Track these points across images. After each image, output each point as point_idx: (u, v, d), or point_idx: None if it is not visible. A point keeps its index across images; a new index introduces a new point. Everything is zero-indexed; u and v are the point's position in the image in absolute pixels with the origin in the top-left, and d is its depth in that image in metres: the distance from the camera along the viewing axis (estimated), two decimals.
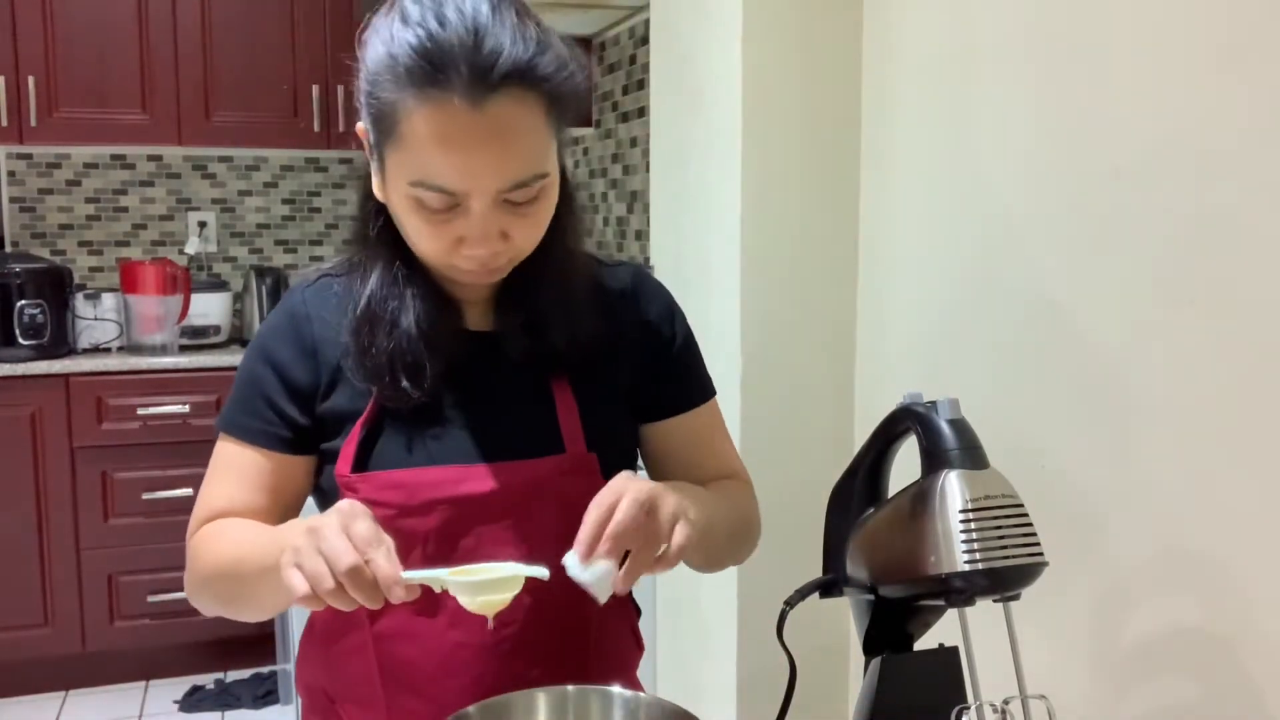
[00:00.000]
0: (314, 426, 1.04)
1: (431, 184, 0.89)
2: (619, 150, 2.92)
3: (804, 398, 1.75)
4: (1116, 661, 1.22)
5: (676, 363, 1.13)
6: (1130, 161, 1.18)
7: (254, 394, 1.04)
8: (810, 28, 1.69)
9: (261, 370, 1.04)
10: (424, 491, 0.99)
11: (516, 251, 0.96)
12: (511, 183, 0.90)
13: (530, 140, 0.90)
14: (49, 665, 3.23)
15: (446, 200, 0.90)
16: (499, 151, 0.88)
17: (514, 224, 0.93)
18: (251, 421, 1.04)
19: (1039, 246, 1.33)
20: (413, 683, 1.02)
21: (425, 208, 0.91)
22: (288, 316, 1.05)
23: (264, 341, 1.05)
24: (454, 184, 0.88)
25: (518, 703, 0.92)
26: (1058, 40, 1.29)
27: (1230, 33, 1.06)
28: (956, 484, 0.89)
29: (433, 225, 0.92)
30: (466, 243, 0.92)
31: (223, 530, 1.02)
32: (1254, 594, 1.06)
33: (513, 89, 0.87)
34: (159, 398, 3.22)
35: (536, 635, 1.02)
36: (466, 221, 0.91)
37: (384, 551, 0.81)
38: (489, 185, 0.89)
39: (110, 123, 3.39)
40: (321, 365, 1.03)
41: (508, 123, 0.87)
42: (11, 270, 3.19)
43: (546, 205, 0.95)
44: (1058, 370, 1.30)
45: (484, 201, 0.90)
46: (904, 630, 1.02)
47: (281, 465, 1.04)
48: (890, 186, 1.66)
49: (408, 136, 0.88)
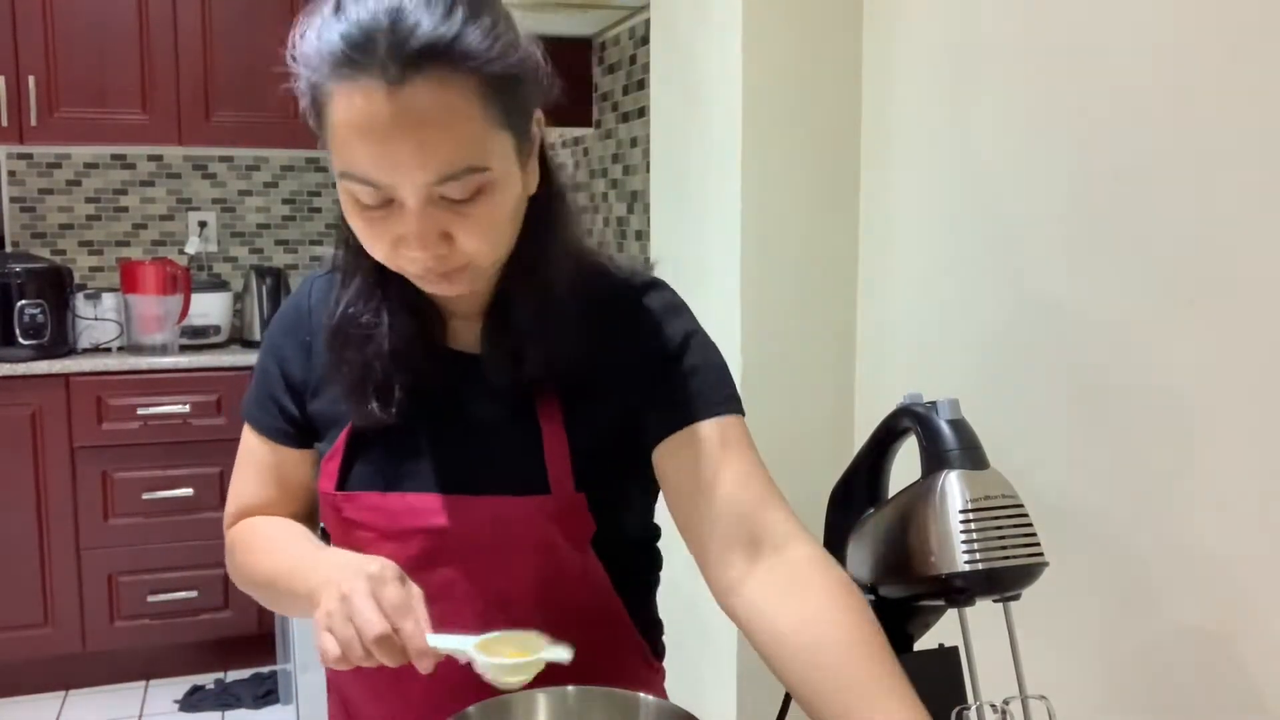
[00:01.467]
0: (309, 423, 1.04)
1: (355, 175, 0.83)
2: (619, 150, 2.92)
3: (804, 398, 1.75)
4: (1117, 661, 1.22)
5: (674, 375, 0.99)
6: (1130, 161, 1.18)
7: (261, 385, 1.05)
8: (810, 28, 1.69)
9: (267, 362, 1.05)
10: (403, 519, 0.97)
11: (468, 258, 0.88)
12: (437, 175, 0.82)
13: (458, 128, 0.82)
14: (49, 665, 3.23)
15: (376, 194, 0.84)
16: (420, 139, 0.81)
17: (455, 223, 0.85)
18: (260, 413, 1.05)
19: (1039, 247, 1.33)
20: (412, 702, 1.02)
21: (359, 204, 0.86)
22: (293, 308, 1.05)
23: (273, 332, 1.06)
24: (376, 175, 0.82)
25: (518, 703, 0.92)
26: (1058, 40, 1.29)
27: (1231, 32, 1.06)
28: (956, 484, 0.89)
29: (370, 224, 0.86)
30: (404, 242, 0.86)
31: (254, 537, 1.02)
32: (1255, 594, 1.06)
33: (435, 69, 0.80)
34: (159, 398, 3.22)
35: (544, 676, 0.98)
36: (401, 219, 0.85)
37: (412, 621, 0.80)
38: (412, 178, 0.82)
39: (110, 123, 3.39)
40: (314, 363, 1.02)
41: (430, 107, 0.80)
42: (11, 270, 3.19)
43: (492, 206, 0.86)
44: (1058, 370, 1.30)
45: (415, 196, 0.83)
46: (904, 630, 1.02)
47: (286, 458, 1.04)
48: (890, 186, 1.66)
49: (332, 126, 0.83)
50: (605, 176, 3.03)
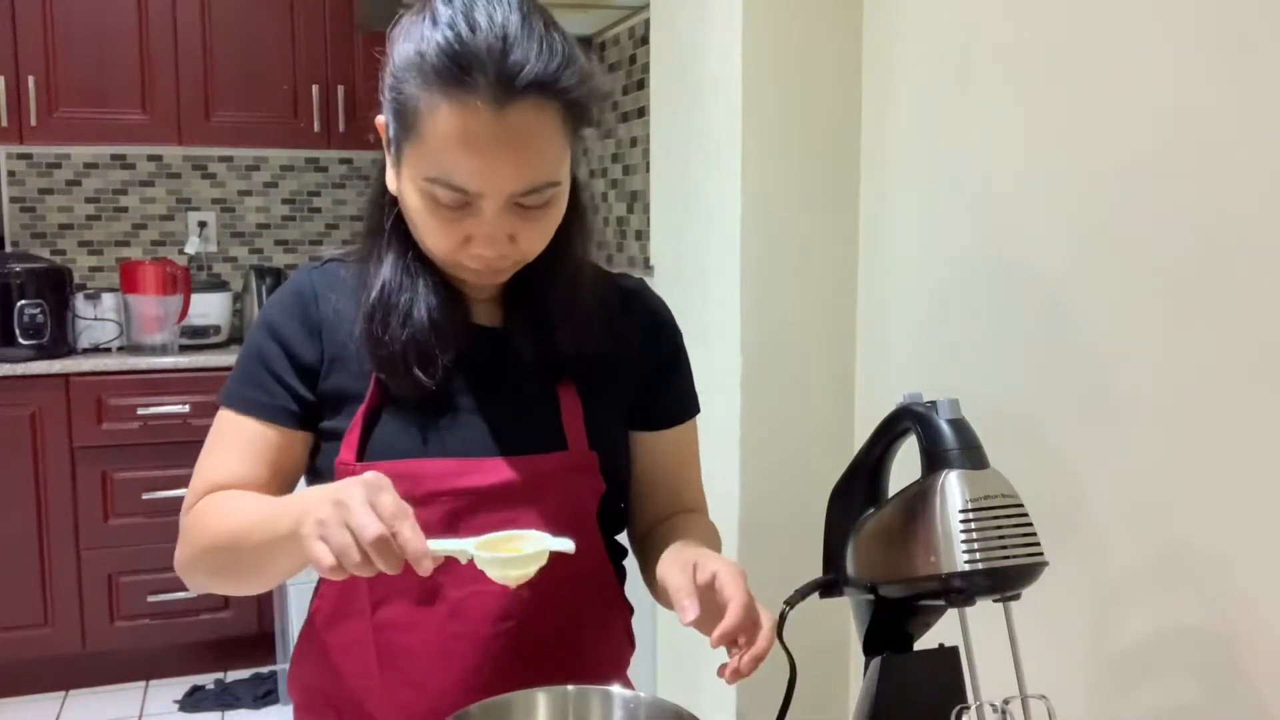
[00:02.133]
0: (316, 403, 1.05)
1: (448, 182, 0.91)
2: (619, 150, 2.92)
3: (804, 398, 1.75)
4: (1116, 661, 1.22)
5: (673, 374, 1.16)
6: (1130, 161, 1.18)
7: (259, 368, 1.05)
8: (810, 28, 1.69)
9: (268, 345, 1.05)
10: (427, 483, 1.00)
11: (521, 255, 0.98)
12: (525, 188, 0.92)
13: (547, 148, 0.92)
14: (49, 665, 3.23)
15: (459, 198, 0.92)
16: (517, 157, 0.90)
17: (522, 228, 0.95)
18: (257, 395, 1.04)
19: (1038, 246, 1.33)
20: (409, 673, 1.03)
21: (438, 204, 0.93)
22: (294, 295, 1.06)
23: (270, 317, 1.06)
24: (470, 184, 0.91)
25: (518, 703, 0.92)
26: (1057, 40, 1.29)
27: (1230, 32, 1.06)
28: (956, 484, 0.89)
29: (443, 222, 0.94)
30: (474, 242, 0.95)
31: (225, 501, 1.02)
32: (1254, 594, 1.06)
33: (534, 98, 0.89)
34: (159, 398, 3.22)
35: (533, 630, 1.03)
36: (476, 221, 0.93)
37: (409, 524, 0.81)
38: (503, 188, 0.91)
39: (110, 123, 3.39)
40: (325, 344, 1.04)
41: (527, 130, 0.90)
42: (11, 270, 3.19)
43: (555, 212, 0.98)
44: (1057, 370, 1.30)
45: (495, 204, 0.92)
46: (904, 630, 1.02)
47: (284, 439, 1.04)
48: (890, 186, 1.66)
49: (428, 134, 0.90)
50: (605, 176, 3.03)
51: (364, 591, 1.03)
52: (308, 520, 0.82)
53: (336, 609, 1.07)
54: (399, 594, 1.03)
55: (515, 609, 1.02)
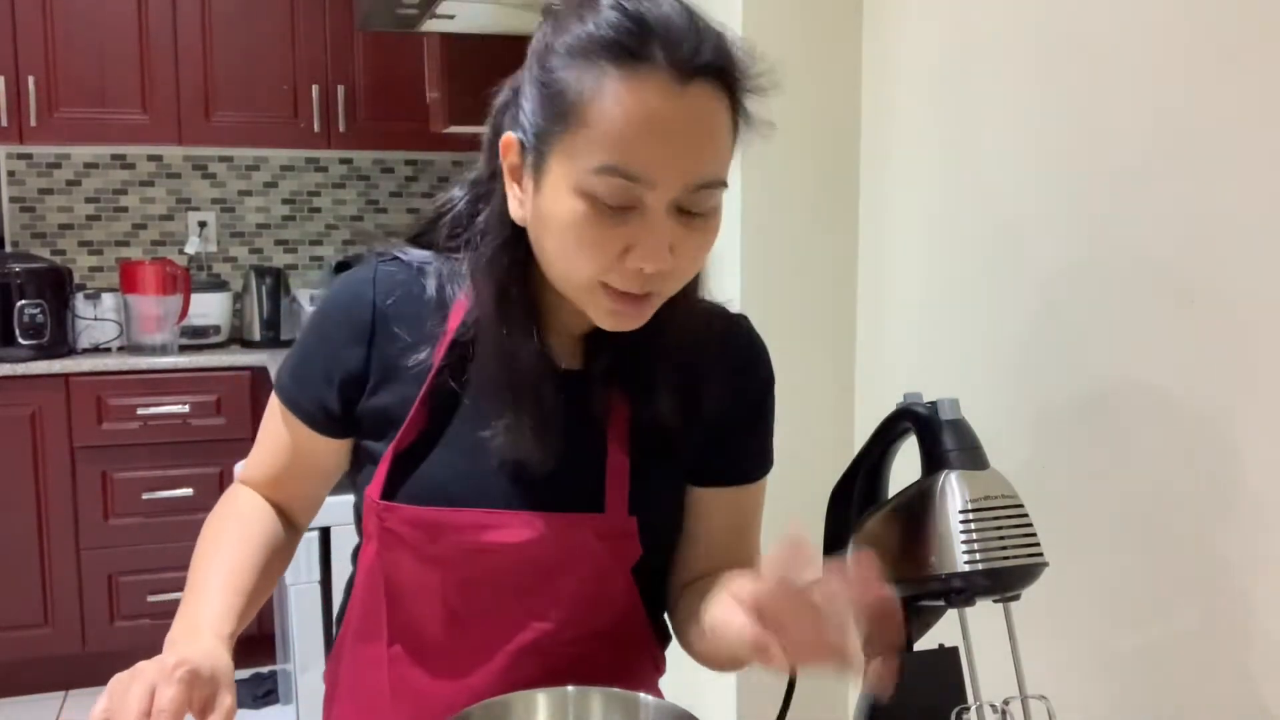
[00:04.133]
0: (351, 418, 1.00)
1: (623, 168, 0.81)
2: None
3: (804, 398, 1.75)
4: (1116, 661, 1.22)
5: (749, 430, 1.05)
6: (1130, 161, 1.18)
7: (303, 362, 1.02)
8: (810, 28, 1.69)
9: (316, 346, 1.01)
10: (448, 535, 0.95)
11: (675, 281, 0.89)
12: (701, 179, 0.83)
13: (721, 139, 0.85)
14: (49, 665, 3.23)
15: (628, 192, 0.82)
16: (697, 139, 0.83)
17: (683, 239, 0.85)
18: (295, 391, 1.02)
19: (1039, 246, 1.33)
20: (417, 704, 1.01)
21: (598, 206, 0.83)
22: (355, 299, 0.98)
23: (328, 315, 1.01)
24: (647, 168, 0.81)
25: (518, 703, 0.92)
26: (1057, 40, 1.29)
27: (1230, 32, 1.06)
28: (956, 484, 0.89)
29: (600, 229, 0.83)
30: (634, 253, 0.84)
31: (214, 530, 1.01)
32: (1254, 594, 1.06)
33: (711, 81, 0.83)
34: (159, 398, 3.22)
35: (554, 675, 0.97)
36: (641, 225, 0.83)
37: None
38: (681, 174, 0.82)
39: (110, 123, 3.39)
40: (374, 358, 0.98)
41: (707, 113, 0.83)
42: (11, 270, 3.19)
43: (715, 226, 0.88)
44: (1057, 370, 1.30)
45: (665, 199, 0.83)
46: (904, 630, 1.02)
47: (311, 441, 1.02)
48: (890, 187, 1.66)
49: (597, 118, 0.81)
50: None
51: (383, 617, 1.01)
52: (137, 657, 0.83)
53: (364, 624, 1.04)
54: (413, 637, 1.01)
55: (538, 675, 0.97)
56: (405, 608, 1.00)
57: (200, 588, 0.94)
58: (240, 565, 0.96)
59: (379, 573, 1.00)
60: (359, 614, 1.04)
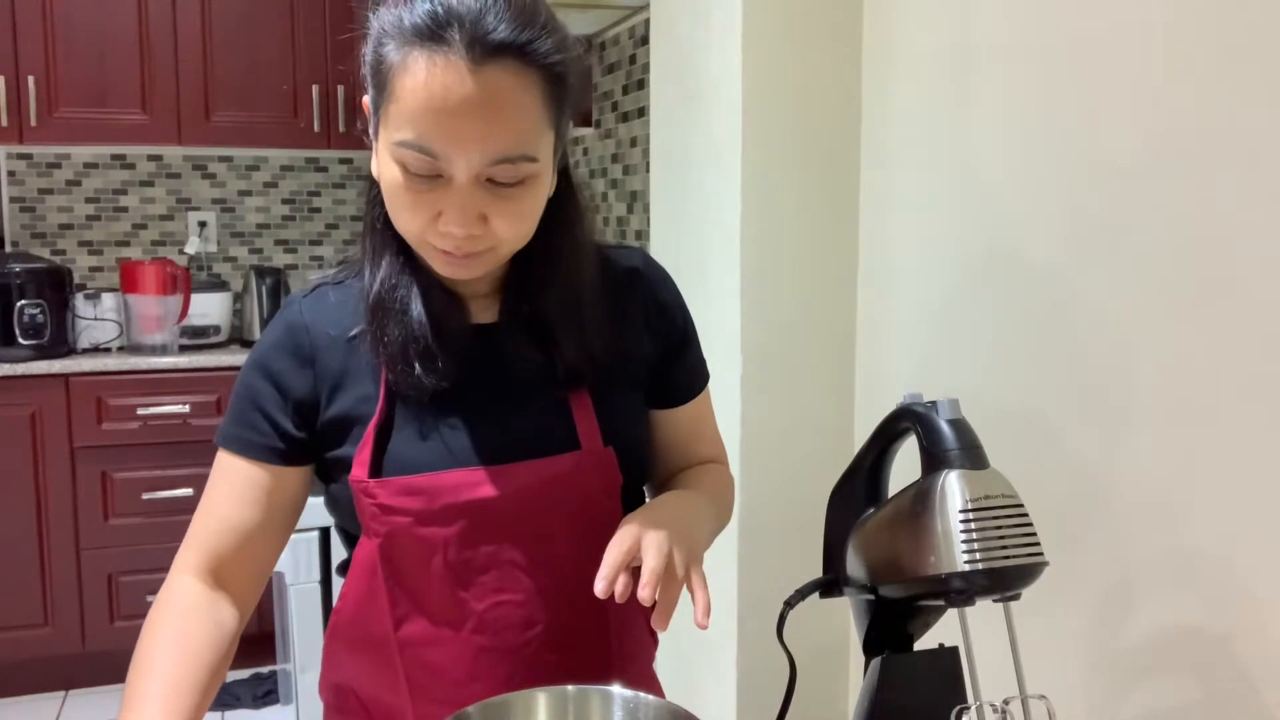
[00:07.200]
0: (312, 438, 1.03)
1: (416, 143, 0.88)
2: (619, 150, 2.92)
3: (804, 398, 1.75)
4: (1117, 661, 1.22)
5: (684, 351, 1.14)
6: (1130, 161, 1.18)
7: (249, 406, 1.03)
8: (810, 28, 1.69)
9: (257, 383, 1.03)
10: (443, 496, 0.99)
11: (497, 242, 0.94)
12: (496, 156, 0.89)
13: (522, 117, 0.89)
14: (49, 665, 3.23)
15: (428, 165, 0.89)
16: (489, 119, 0.88)
17: (495, 208, 0.92)
18: (245, 434, 1.03)
19: (1039, 246, 1.33)
20: (441, 690, 1.02)
21: (407, 173, 0.90)
22: (285, 328, 1.04)
23: (261, 354, 1.05)
24: (440, 145, 0.88)
25: (517, 703, 0.92)
26: (1057, 39, 1.29)
27: (1231, 32, 1.06)
28: (956, 484, 0.89)
29: (413, 194, 0.91)
30: (443, 218, 0.91)
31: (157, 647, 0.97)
32: (1254, 593, 1.06)
33: (510, 61, 0.87)
34: (159, 398, 3.22)
35: (560, 632, 1.02)
36: (447, 194, 0.90)
37: None
38: (474, 152, 0.88)
39: (110, 123, 3.39)
40: (321, 374, 1.02)
41: (502, 93, 0.87)
42: (11, 270, 3.19)
43: (531, 197, 0.94)
44: (1057, 370, 1.30)
45: (466, 172, 0.89)
46: (904, 630, 1.02)
47: (275, 477, 1.03)
48: (890, 186, 1.66)
49: (400, 92, 0.88)
50: (605, 176, 3.03)
51: (384, 607, 1.02)
52: None
53: (357, 619, 1.05)
54: (419, 611, 1.02)
55: (541, 614, 1.01)
56: (408, 585, 1.01)
57: (139, 705, 0.92)
58: (180, 684, 0.94)
59: (377, 560, 1.01)
60: (351, 611, 1.05)
